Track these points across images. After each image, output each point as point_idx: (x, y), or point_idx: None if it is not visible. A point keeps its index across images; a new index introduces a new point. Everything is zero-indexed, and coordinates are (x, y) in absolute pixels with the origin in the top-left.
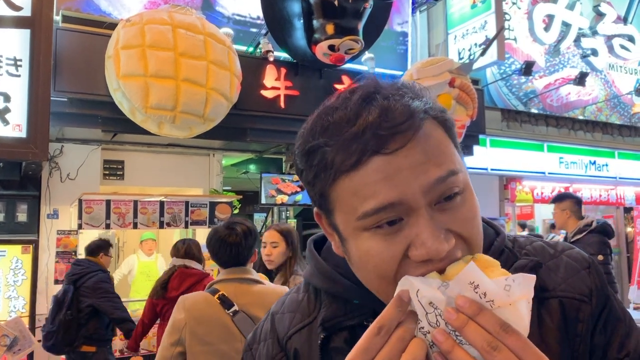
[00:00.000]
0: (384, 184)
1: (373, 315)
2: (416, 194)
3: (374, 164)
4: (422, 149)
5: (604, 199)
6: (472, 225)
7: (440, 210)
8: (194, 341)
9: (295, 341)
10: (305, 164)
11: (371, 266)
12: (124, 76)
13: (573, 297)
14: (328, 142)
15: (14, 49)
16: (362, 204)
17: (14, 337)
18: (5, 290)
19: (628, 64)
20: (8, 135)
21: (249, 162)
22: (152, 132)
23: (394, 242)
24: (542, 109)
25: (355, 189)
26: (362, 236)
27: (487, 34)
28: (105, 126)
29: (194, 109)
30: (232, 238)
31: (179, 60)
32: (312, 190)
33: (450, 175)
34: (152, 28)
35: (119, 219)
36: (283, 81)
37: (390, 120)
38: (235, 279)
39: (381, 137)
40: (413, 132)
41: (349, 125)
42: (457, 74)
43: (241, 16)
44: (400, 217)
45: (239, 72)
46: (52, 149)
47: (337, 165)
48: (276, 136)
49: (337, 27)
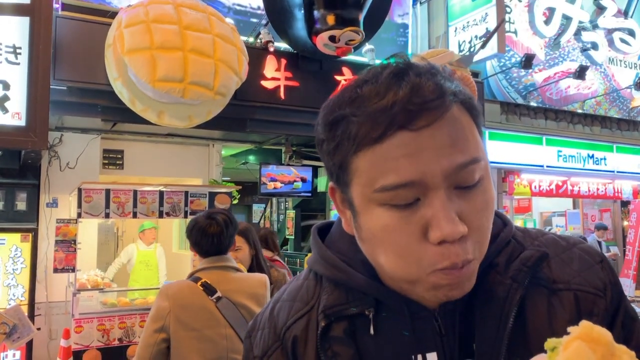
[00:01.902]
0: (406, 161)
1: (375, 305)
2: (436, 177)
3: (398, 139)
4: (448, 132)
5: (602, 192)
6: (484, 217)
7: (458, 195)
8: (178, 327)
9: (295, 329)
10: (327, 134)
11: (387, 243)
12: (129, 51)
13: (588, 291)
14: (355, 112)
15: (14, 36)
16: (382, 177)
17: (13, 325)
18: (5, 278)
19: (628, 58)
20: (7, 124)
21: (248, 152)
22: (152, 122)
23: (410, 222)
24: (542, 102)
25: (377, 161)
26: (377, 211)
27: (487, 27)
28: (104, 115)
29: (203, 80)
30: (213, 228)
31: (185, 32)
32: (330, 161)
33: (473, 162)
34: (154, 7)
35: (118, 208)
36: (283, 72)
37: (421, 96)
38: (217, 267)
39: (409, 112)
40: (442, 111)
41: (378, 97)
42: (457, 67)
43: (242, 6)
44: (417, 197)
45: (245, 51)
46: (52, 137)
47: (361, 137)
48: (276, 127)
49: (338, 18)
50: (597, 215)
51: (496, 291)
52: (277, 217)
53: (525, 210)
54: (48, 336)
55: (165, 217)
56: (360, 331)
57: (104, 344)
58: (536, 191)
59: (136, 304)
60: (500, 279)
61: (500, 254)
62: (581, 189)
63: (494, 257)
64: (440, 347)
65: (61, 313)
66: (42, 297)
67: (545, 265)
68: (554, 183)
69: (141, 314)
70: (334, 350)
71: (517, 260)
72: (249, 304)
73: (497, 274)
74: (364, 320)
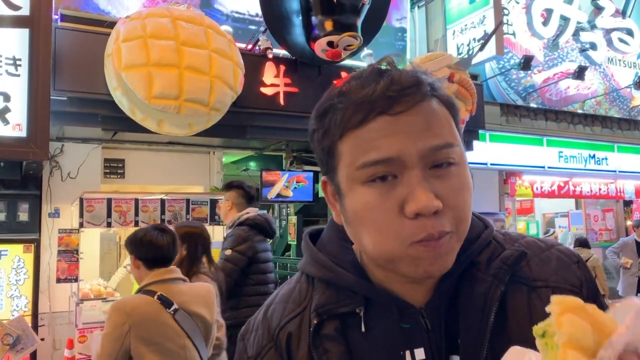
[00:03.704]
0: (385, 140)
1: (365, 303)
2: (412, 156)
3: (379, 123)
4: (424, 118)
5: (604, 192)
6: (460, 197)
7: (433, 175)
8: (139, 343)
9: (288, 329)
10: (318, 124)
11: (368, 220)
12: (126, 67)
13: (565, 288)
14: (341, 101)
15: (13, 48)
16: (363, 155)
17: (17, 335)
18: (8, 289)
19: (627, 57)
20: (8, 135)
21: (249, 159)
22: (152, 131)
23: (389, 198)
24: (541, 103)
25: (359, 143)
26: (359, 190)
27: (485, 29)
28: (105, 125)
29: (198, 97)
30: (162, 240)
31: (181, 48)
32: (320, 148)
33: (447, 146)
34: (152, 20)
35: (120, 217)
36: (282, 78)
37: (399, 84)
38: (168, 279)
39: (388, 99)
40: (419, 99)
41: (362, 89)
42: (456, 69)
43: (240, 13)
44: (395, 175)
45: (241, 63)
46: (53, 148)
47: (345, 122)
48: (276, 133)
49: (336, 24)
50: (599, 215)
51: (478, 288)
52: (280, 223)
53: (528, 212)
54: (52, 346)
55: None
56: (351, 329)
57: None
58: (538, 192)
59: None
60: (482, 276)
61: (482, 254)
62: (583, 190)
63: (476, 256)
64: (427, 343)
65: (64, 323)
66: (46, 307)
67: (525, 265)
68: (555, 184)
69: None
70: (325, 348)
71: (498, 259)
72: (203, 312)
73: (478, 272)
74: (355, 319)
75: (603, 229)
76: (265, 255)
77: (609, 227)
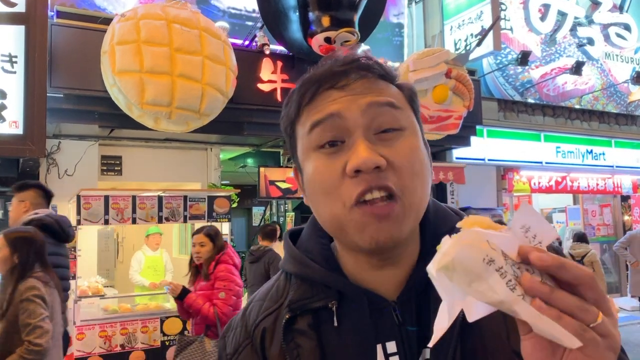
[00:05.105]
0: (330, 104)
1: (339, 298)
2: (354, 112)
3: (326, 94)
4: (368, 86)
5: (601, 187)
6: (406, 161)
7: (379, 139)
8: None
9: (263, 325)
10: (283, 112)
11: (317, 184)
12: (119, 72)
13: None
14: (299, 85)
15: (9, 45)
16: (311, 119)
17: None
18: None
19: (624, 52)
20: (5, 132)
21: (246, 155)
22: (149, 127)
23: (335, 161)
24: (539, 98)
25: (309, 114)
26: (312, 156)
27: (483, 24)
28: (102, 122)
29: (189, 104)
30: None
31: (175, 55)
32: (285, 134)
33: (389, 105)
34: (147, 23)
35: (117, 215)
36: (279, 74)
37: (345, 62)
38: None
39: (334, 74)
40: (363, 74)
41: (315, 71)
42: (453, 65)
43: (236, 9)
44: (343, 140)
45: (234, 66)
46: (49, 145)
47: (299, 100)
48: (273, 129)
49: (333, 20)
50: (597, 210)
51: None
52: (277, 219)
53: None
54: None
55: (164, 222)
56: (324, 324)
57: (106, 351)
58: (535, 188)
59: (137, 309)
60: None
61: None
62: (581, 185)
63: None
64: (398, 337)
65: None
66: None
67: None
68: (553, 179)
69: (142, 319)
70: (296, 342)
71: None
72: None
73: None
74: (328, 313)
75: (601, 224)
76: (56, 259)
77: (607, 222)
